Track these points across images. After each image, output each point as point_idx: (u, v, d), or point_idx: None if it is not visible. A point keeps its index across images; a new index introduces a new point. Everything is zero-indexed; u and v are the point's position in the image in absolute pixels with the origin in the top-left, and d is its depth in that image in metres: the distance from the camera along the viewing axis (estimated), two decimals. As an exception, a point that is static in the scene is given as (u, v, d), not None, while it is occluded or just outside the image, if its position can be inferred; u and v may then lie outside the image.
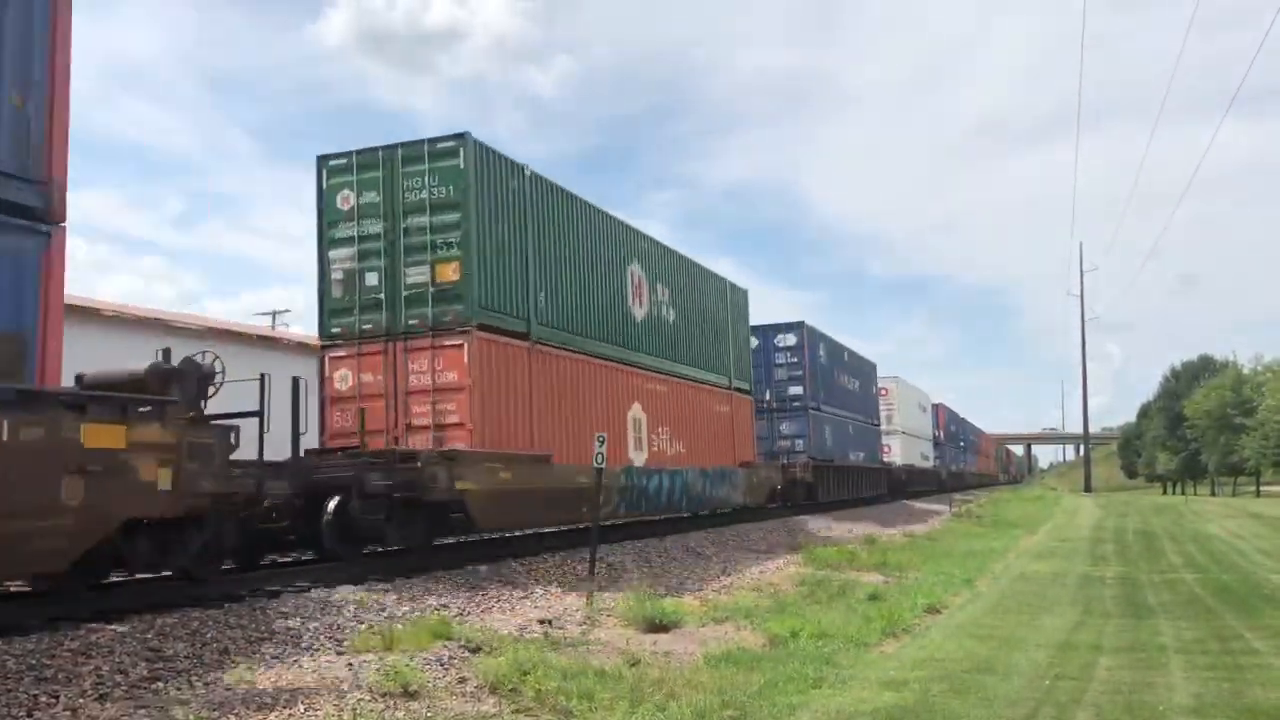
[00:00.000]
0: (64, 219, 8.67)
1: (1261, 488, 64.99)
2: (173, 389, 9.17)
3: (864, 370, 42.80)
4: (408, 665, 7.36)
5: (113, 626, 8.25)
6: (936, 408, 63.74)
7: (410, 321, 14.13)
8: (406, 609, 10.65)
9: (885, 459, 45.31)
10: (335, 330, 14.57)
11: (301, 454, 12.01)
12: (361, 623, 9.82)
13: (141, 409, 8.70)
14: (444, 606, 10.99)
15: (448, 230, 14.13)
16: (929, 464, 57.43)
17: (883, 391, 46.51)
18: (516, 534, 16.66)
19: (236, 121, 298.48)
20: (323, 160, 14.77)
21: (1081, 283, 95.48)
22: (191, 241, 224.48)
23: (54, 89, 8.61)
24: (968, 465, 78.68)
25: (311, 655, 8.31)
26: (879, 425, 44.71)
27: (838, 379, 36.75)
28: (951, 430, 71.13)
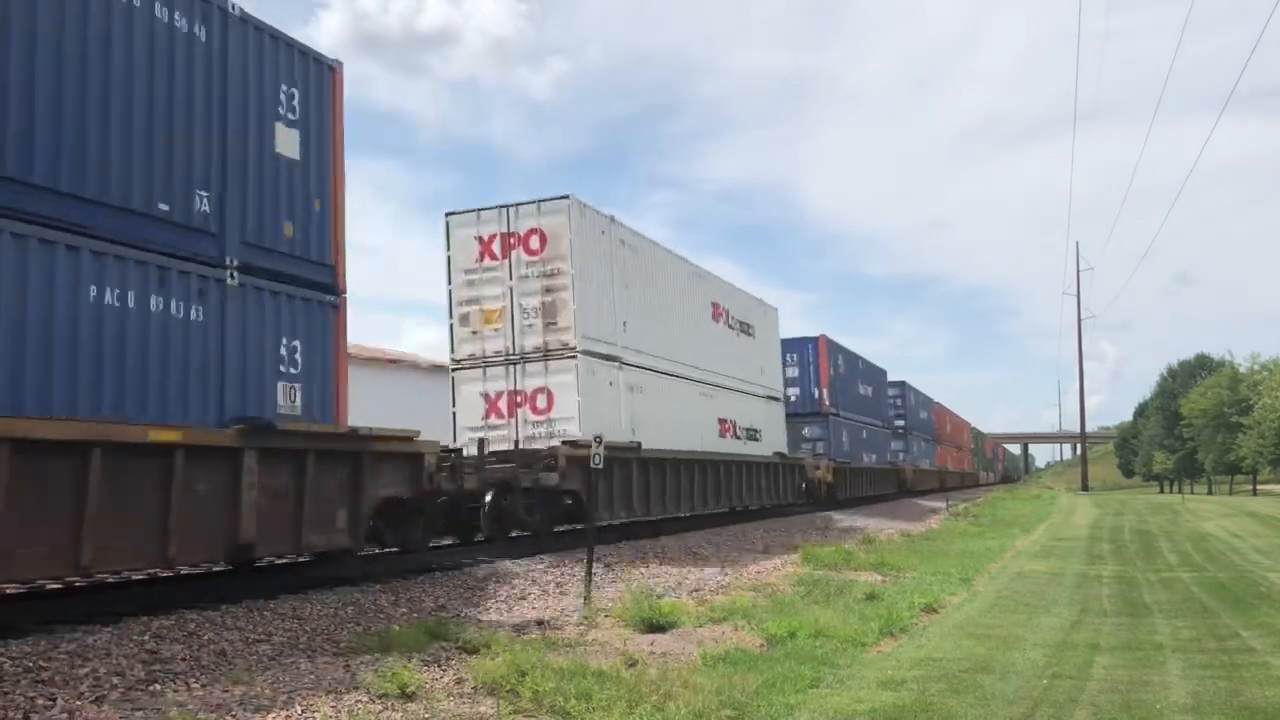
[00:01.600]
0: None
1: (1258, 486, 65.15)
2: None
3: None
4: (405, 667, 7.35)
5: (108, 629, 8.24)
6: (811, 343, 34.79)
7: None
8: (404, 610, 10.64)
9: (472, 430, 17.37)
10: None
11: None
12: (359, 625, 9.82)
13: None
14: (441, 608, 10.98)
15: None
16: (764, 454, 26.67)
17: (533, 236, 16.98)
18: (513, 534, 16.63)
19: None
20: None
21: (1078, 282, 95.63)
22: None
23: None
24: (916, 458, 51.23)
25: (309, 657, 8.30)
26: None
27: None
28: (862, 394, 39.67)
